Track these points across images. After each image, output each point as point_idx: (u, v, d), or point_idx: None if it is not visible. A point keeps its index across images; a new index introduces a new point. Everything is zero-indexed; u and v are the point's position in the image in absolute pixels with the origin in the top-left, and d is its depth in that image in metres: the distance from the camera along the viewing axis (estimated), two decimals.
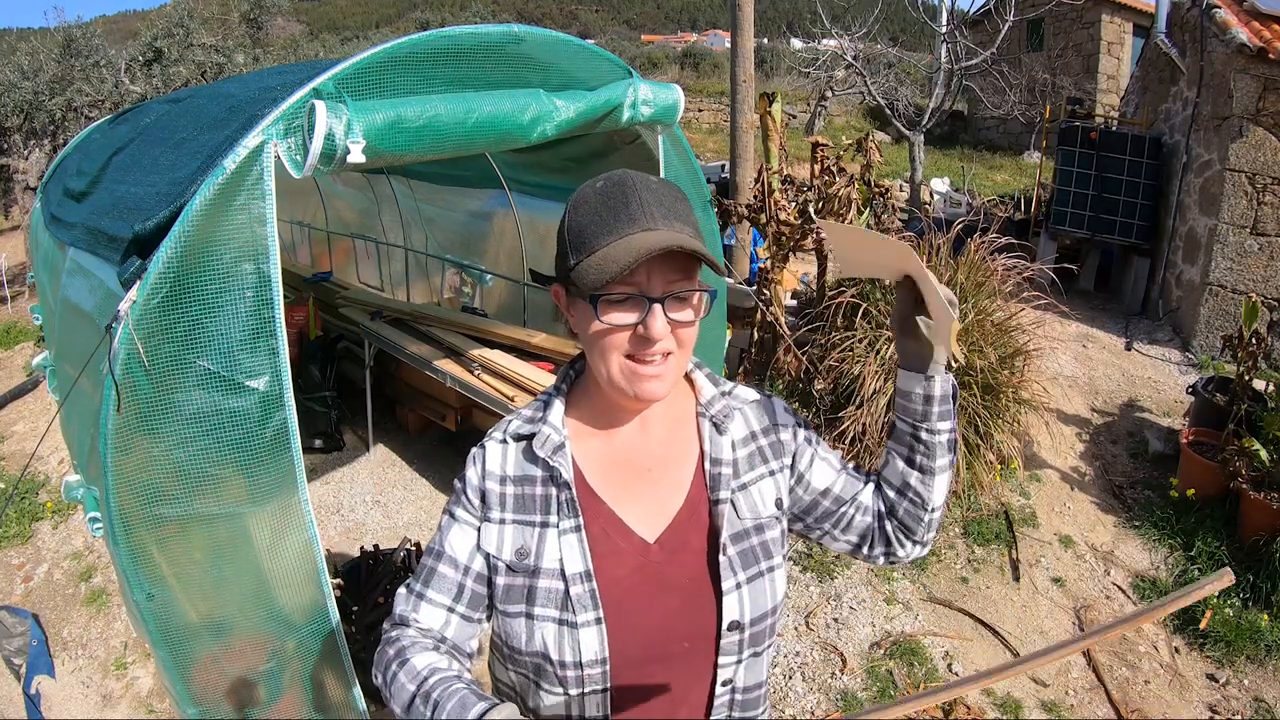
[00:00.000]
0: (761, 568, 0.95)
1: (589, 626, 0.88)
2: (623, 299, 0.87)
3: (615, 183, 0.89)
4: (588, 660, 0.88)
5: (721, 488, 0.96)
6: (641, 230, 0.85)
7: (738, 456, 0.99)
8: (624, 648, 0.90)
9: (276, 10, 10.41)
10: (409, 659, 0.91)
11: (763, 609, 0.94)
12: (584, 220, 0.88)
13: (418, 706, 0.85)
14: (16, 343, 6.48)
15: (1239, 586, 3.19)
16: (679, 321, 0.88)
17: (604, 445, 0.98)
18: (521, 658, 0.92)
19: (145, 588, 1.63)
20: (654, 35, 49.82)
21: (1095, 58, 13.10)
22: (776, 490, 1.01)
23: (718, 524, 0.95)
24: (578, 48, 2.36)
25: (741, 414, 1.03)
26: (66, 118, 7.96)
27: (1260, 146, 5.13)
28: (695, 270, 0.89)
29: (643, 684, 0.92)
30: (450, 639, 0.96)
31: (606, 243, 0.85)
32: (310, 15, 54.72)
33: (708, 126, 16.34)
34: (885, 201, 4.09)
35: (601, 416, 0.99)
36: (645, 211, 0.86)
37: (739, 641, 0.93)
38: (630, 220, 0.85)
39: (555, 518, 0.93)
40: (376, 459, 4.40)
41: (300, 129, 1.69)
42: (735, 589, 0.93)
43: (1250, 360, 3.78)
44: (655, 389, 0.89)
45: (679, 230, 0.86)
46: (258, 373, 1.70)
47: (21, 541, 3.78)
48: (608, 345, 0.89)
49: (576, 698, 0.90)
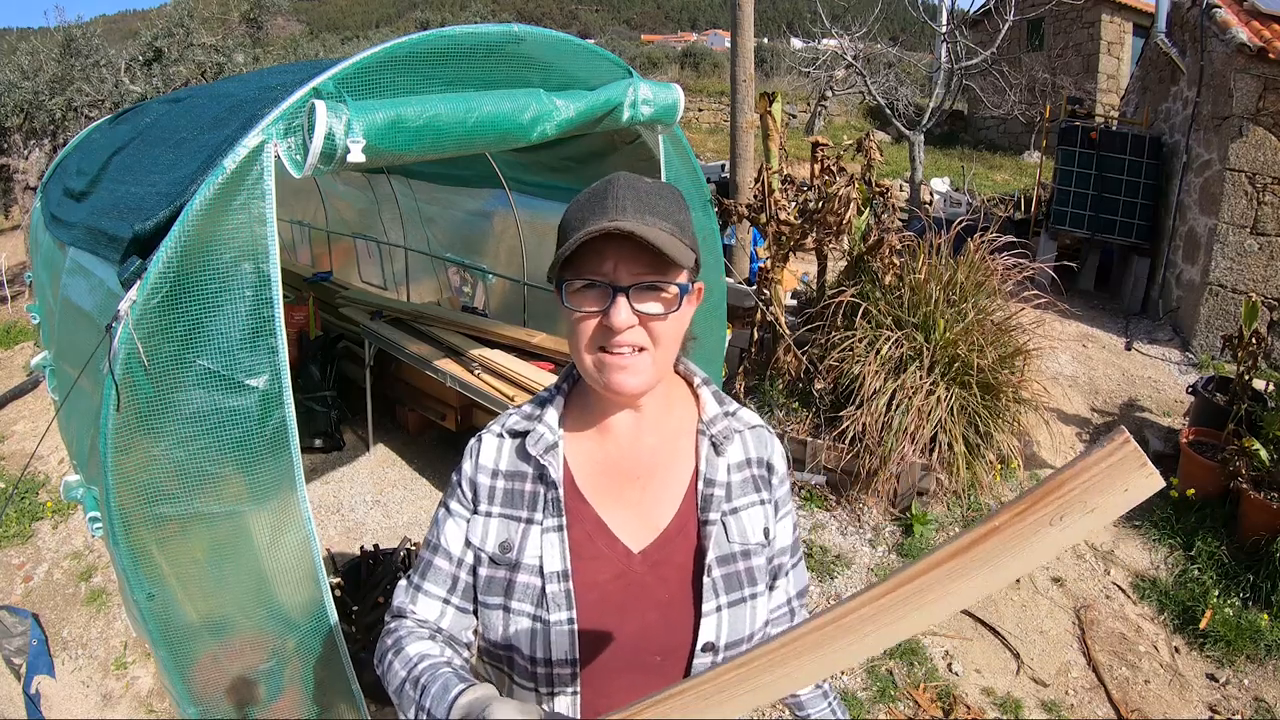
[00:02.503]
0: (745, 594, 0.95)
1: (561, 626, 0.89)
2: (585, 284, 0.88)
3: (603, 182, 0.91)
4: (557, 659, 0.90)
5: (712, 509, 0.96)
6: (607, 220, 0.85)
7: (732, 480, 0.99)
8: (595, 652, 0.91)
9: (276, 10, 10.41)
10: (404, 648, 0.94)
11: (740, 634, 0.94)
12: (568, 216, 0.90)
13: (407, 691, 0.88)
14: (16, 343, 6.49)
15: (1239, 586, 3.19)
16: (648, 314, 0.88)
17: (597, 449, 0.98)
18: (498, 650, 0.94)
19: (145, 587, 1.64)
20: (654, 35, 49.82)
21: (1095, 57, 13.10)
22: (765, 520, 1.01)
23: (705, 544, 0.94)
24: (578, 47, 2.36)
25: (741, 438, 1.02)
26: (66, 117, 7.97)
27: (1260, 146, 5.13)
28: (670, 266, 0.88)
29: (612, 691, 0.92)
30: (446, 629, 0.99)
31: (574, 232, 0.86)
32: (310, 15, 54.72)
33: (708, 126, 16.34)
34: (885, 201, 4.09)
35: (597, 419, 0.99)
36: (618, 205, 0.86)
37: (712, 664, 0.93)
38: (602, 213, 0.86)
39: (540, 515, 0.94)
40: (376, 459, 4.40)
41: (300, 128, 1.69)
42: (715, 611, 0.93)
43: (1250, 360, 3.79)
44: (624, 380, 0.89)
45: (650, 224, 0.86)
46: (257, 372, 1.70)
47: (21, 541, 3.78)
48: (579, 335, 0.90)
49: (546, 695, 0.92)
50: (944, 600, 0.61)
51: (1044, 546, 0.58)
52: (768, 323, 4.17)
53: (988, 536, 0.58)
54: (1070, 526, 0.57)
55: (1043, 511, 0.57)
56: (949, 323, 3.66)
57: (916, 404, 3.48)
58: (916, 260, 3.91)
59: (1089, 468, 0.55)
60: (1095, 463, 0.55)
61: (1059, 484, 0.56)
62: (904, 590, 0.61)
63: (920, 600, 0.61)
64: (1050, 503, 0.56)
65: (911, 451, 3.48)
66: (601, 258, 0.87)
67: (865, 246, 3.99)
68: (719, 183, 8.46)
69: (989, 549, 0.59)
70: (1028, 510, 0.57)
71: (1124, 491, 0.55)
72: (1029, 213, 7.55)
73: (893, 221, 4.04)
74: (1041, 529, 0.57)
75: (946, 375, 3.59)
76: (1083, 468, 0.55)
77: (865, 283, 3.98)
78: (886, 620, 0.62)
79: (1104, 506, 0.56)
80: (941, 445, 3.49)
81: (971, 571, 0.60)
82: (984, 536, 0.59)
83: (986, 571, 0.60)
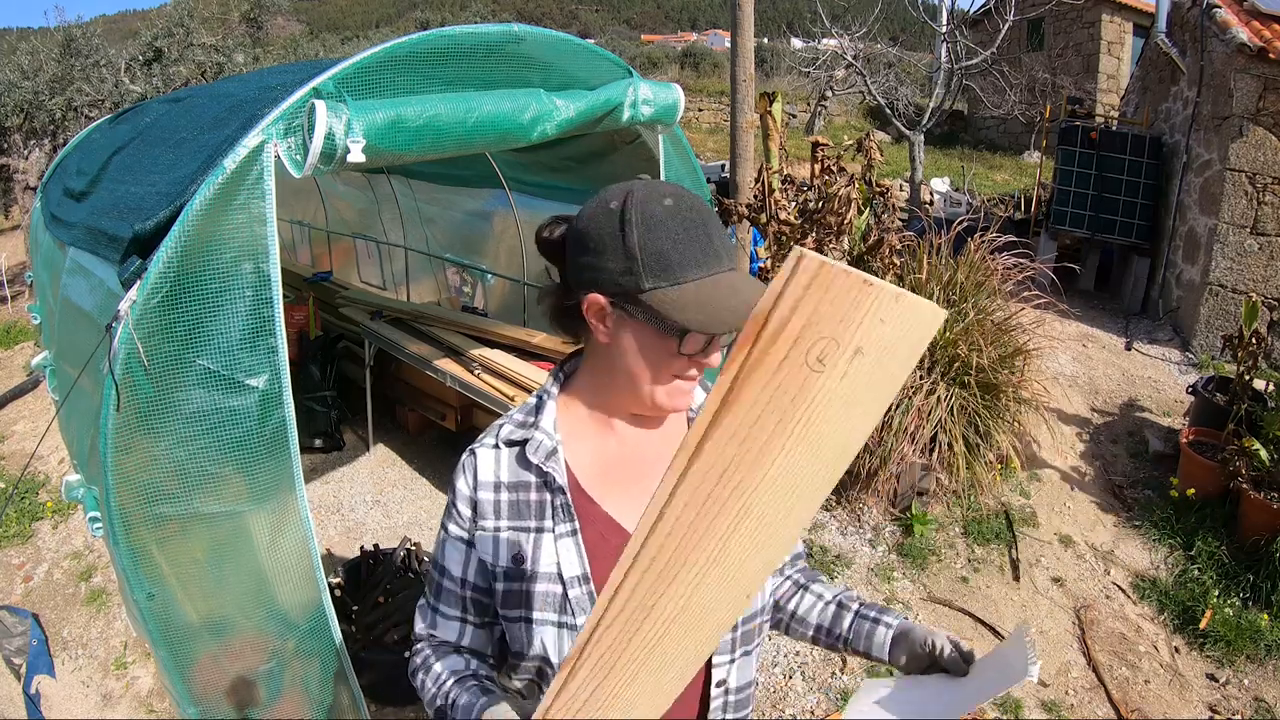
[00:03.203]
0: None
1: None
2: (709, 338, 0.88)
3: (689, 207, 0.87)
4: None
5: None
6: (726, 270, 0.87)
7: None
8: None
9: (276, 10, 10.41)
10: (431, 665, 0.98)
11: (754, 607, 0.98)
12: (664, 244, 0.84)
13: (439, 704, 0.93)
14: (16, 343, 6.49)
15: (1239, 586, 3.19)
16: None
17: (598, 447, 0.97)
18: (524, 663, 0.94)
19: (145, 587, 1.64)
20: (654, 35, 49.83)
21: (1095, 57, 13.10)
22: None
23: None
24: (578, 47, 2.36)
25: None
26: (66, 117, 7.96)
27: (1260, 146, 5.13)
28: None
29: None
30: (468, 645, 1.01)
31: (697, 276, 0.84)
32: (310, 15, 54.72)
33: (708, 126, 16.34)
34: (885, 201, 4.08)
35: (596, 418, 0.98)
36: (726, 247, 0.88)
37: (732, 640, 0.96)
38: (715, 257, 0.86)
39: (551, 523, 0.92)
40: (376, 459, 4.40)
41: (300, 128, 1.69)
42: None
43: (1250, 360, 3.79)
44: (684, 402, 0.93)
45: (739, 269, 0.90)
46: (257, 372, 1.70)
47: (21, 541, 3.78)
48: (664, 368, 0.89)
49: None
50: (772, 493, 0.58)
51: (831, 400, 0.55)
52: None
53: (734, 395, 0.56)
54: (845, 372, 0.54)
55: (776, 355, 0.54)
56: (949, 323, 3.66)
57: (916, 404, 3.48)
58: (917, 260, 3.91)
59: (788, 296, 0.53)
60: (785, 286, 0.53)
61: (758, 324, 0.54)
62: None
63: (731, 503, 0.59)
64: (779, 346, 0.54)
65: (911, 451, 3.48)
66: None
67: (865, 246, 3.98)
68: (719, 182, 8.46)
69: (755, 416, 0.56)
70: (752, 355, 0.55)
71: (880, 323, 0.53)
72: (1029, 213, 7.55)
73: (893, 221, 4.04)
74: (804, 374, 0.54)
75: (947, 375, 3.59)
76: (772, 292, 0.53)
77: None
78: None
79: (869, 344, 0.53)
80: (941, 445, 3.49)
81: (790, 446, 0.56)
82: (730, 395, 0.56)
83: (804, 449, 0.57)
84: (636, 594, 0.62)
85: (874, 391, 0.58)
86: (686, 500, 0.60)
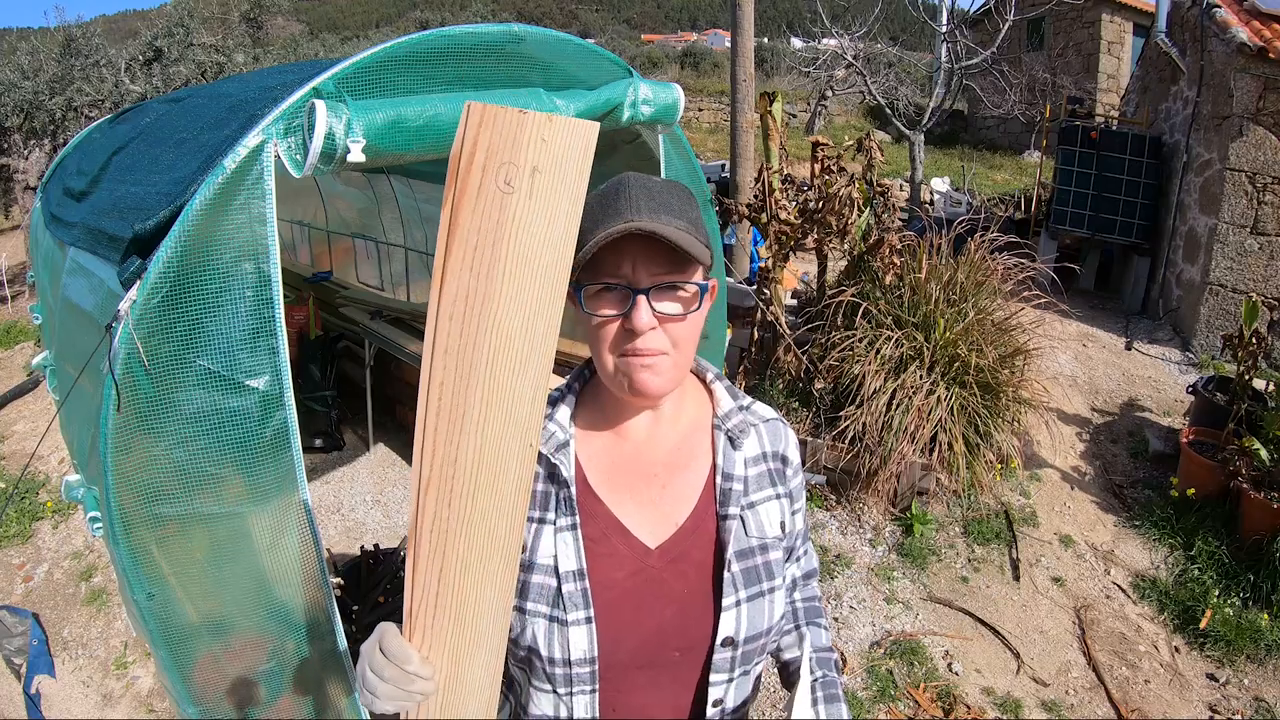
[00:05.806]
0: (763, 587, 0.95)
1: (579, 625, 0.89)
2: (603, 288, 0.87)
3: (613, 182, 0.89)
4: (575, 659, 0.89)
5: (731, 503, 0.95)
6: (624, 222, 0.84)
7: (749, 474, 0.99)
8: (613, 650, 0.90)
9: (276, 10, 10.42)
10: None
11: (758, 628, 0.94)
12: (584, 222, 0.88)
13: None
14: (16, 343, 6.49)
15: (1239, 586, 3.19)
16: (666, 314, 0.87)
17: (611, 447, 0.98)
18: (517, 650, 0.93)
19: (145, 587, 1.63)
20: (654, 34, 49.83)
21: (1095, 57, 13.09)
22: (781, 513, 1.01)
23: (724, 539, 0.94)
24: (578, 47, 2.35)
25: (756, 431, 1.02)
26: (66, 117, 7.96)
27: (1260, 146, 5.13)
28: (687, 265, 0.88)
29: (630, 689, 0.92)
30: None
31: (591, 238, 0.84)
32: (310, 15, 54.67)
33: (708, 126, 16.34)
34: (885, 201, 4.08)
35: (611, 418, 0.98)
36: (632, 205, 0.85)
37: (731, 658, 0.93)
38: (616, 214, 0.85)
39: (553, 514, 0.93)
40: (376, 459, 4.40)
41: (300, 128, 1.68)
42: (735, 605, 0.92)
43: (1250, 360, 3.79)
44: (649, 382, 0.88)
45: (665, 222, 0.85)
46: (258, 372, 1.70)
47: (21, 541, 3.79)
48: (600, 340, 0.89)
49: (565, 696, 0.91)
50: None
51: (528, 217, 0.67)
52: (768, 322, 4.16)
53: (454, 232, 0.68)
54: (529, 190, 0.67)
55: (474, 183, 0.66)
56: (949, 322, 3.66)
57: (916, 404, 3.48)
58: (917, 260, 3.91)
59: (468, 136, 0.66)
60: (464, 130, 0.65)
61: (455, 161, 0.67)
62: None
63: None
64: (474, 175, 0.66)
65: (911, 451, 3.48)
66: (619, 260, 0.85)
67: (865, 246, 3.98)
68: (719, 182, 8.46)
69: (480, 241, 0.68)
70: (457, 186, 0.66)
71: (543, 141, 0.66)
72: (1029, 212, 7.55)
73: (893, 221, 4.05)
74: (500, 199, 0.66)
75: (947, 375, 3.59)
76: (459, 137, 0.66)
77: (865, 282, 3.98)
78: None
79: (541, 161, 0.66)
80: (941, 445, 3.49)
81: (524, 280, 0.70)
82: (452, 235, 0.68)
83: (522, 268, 0.69)
84: (439, 439, 0.70)
85: (562, 205, 0.70)
86: (448, 329, 0.69)
